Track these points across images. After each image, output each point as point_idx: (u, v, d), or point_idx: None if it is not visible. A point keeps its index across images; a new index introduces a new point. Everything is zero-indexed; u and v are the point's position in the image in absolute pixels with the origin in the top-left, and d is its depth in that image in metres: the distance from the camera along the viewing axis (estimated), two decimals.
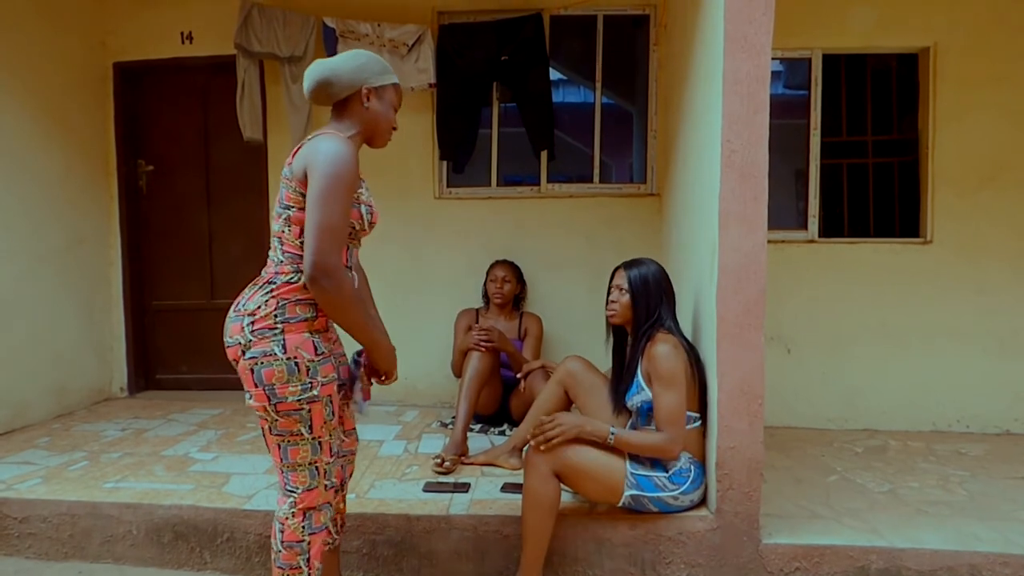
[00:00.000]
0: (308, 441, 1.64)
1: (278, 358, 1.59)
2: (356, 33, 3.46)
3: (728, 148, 2.09)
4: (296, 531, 1.67)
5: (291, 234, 1.65)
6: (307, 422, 1.63)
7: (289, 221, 1.65)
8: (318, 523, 1.70)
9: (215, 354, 3.96)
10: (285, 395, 1.60)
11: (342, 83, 1.69)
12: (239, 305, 1.67)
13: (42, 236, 3.53)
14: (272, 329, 1.60)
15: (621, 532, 2.18)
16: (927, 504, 2.45)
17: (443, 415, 3.49)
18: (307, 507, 1.68)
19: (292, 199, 1.64)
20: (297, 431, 1.63)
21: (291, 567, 1.67)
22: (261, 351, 1.59)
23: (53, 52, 3.59)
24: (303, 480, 1.67)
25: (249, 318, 1.61)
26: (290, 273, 1.64)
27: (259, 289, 1.66)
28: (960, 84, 3.41)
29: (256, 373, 1.59)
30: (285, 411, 1.61)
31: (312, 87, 1.71)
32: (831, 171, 3.62)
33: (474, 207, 3.81)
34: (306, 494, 1.67)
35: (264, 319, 1.60)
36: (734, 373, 2.11)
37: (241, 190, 3.97)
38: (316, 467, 1.67)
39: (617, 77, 4.01)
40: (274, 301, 1.62)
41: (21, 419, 3.36)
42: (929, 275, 3.45)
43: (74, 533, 2.38)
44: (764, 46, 2.06)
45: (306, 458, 1.66)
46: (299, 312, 1.63)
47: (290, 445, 1.64)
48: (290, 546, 1.67)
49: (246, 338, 1.60)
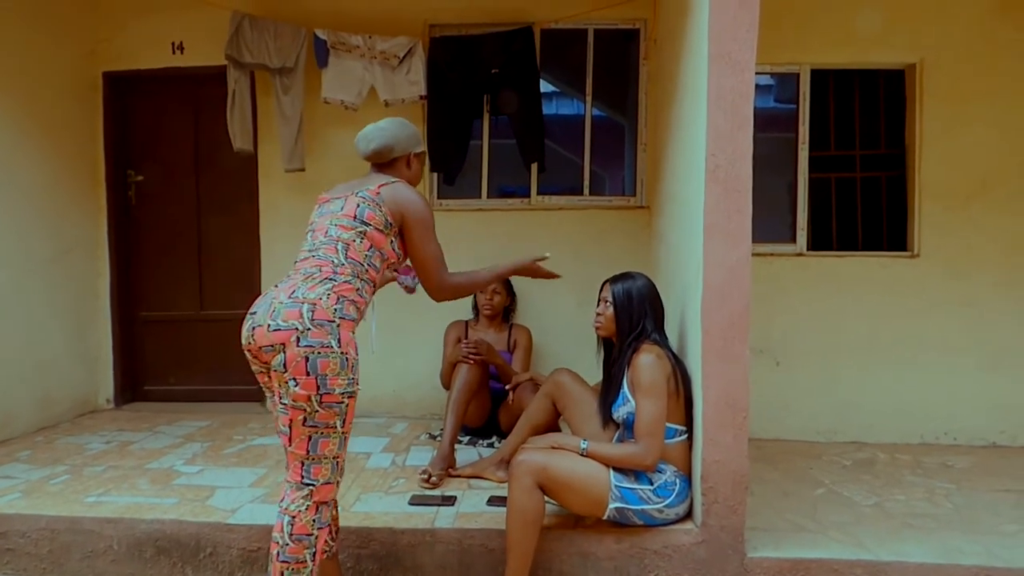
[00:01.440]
0: (339, 435, 1.75)
1: (334, 350, 1.69)
2: (347, 45, 3.48)
3: (712, 162, 2.10)
4: (307, 524, 1.73)
5: (361, 245, 1.86)
6: (343, 416, 1.74)
7: (363, 235, 1.86)
8: (325, 518, 1.78)
9: (204, 365, 4.01)
10: (334, 387, 1.69)
11: (399, 149, 2.05)
12: (295, 293, 1.74)
13: (29, 246, 3.51)
14: (331, 321, 1.71)
15: (606, 546, 2.17)
16: (913, 517, 2.45)
17: (432, 427, 3.47)
18: (320, 500, 1.75)
19: (374, 220, 1.88)
20: (333, 423, 1.72)
21: (297, 560, 1.72)
22: (319, 341, 1.67)
23: (43, 61, 3.59)
24: (324, 474, 1.74)
25: (309, 306, 1.70)
26: (350, 276, 1.82)
27: (319, 283, 1.76)
28: (947, 99, 3.45)
29: (311, 362, 1.67)
30: (328, 403, 1.70)
31: (376, 149, 2.02)
32: (819, 185, 3.65)
33: (464, 219, 3.81)
34: (323, 487, 1.75)
35: (324, 310, 1.71)
36: (719, 386, 2.11)
37: (231, 201, 3.96)
38: (337, 462, 1.78)
39: (608, 90, 4.04)
40: (335, 296, 1.75)
41: (3, 432, 3.31)
42: (917, 288, 3.47)
43: (53, 548, 2.34)
44: (748, 63, 2.08)
45: (332, 451, 1.75)
46: (351, 312, 1.79)
47: (322, 437, 1.72)
48: (299, 539, 1.72)
49: (304, 325, 1.68)
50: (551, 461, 2.05)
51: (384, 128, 2.05)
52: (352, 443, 3.19)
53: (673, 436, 2.17)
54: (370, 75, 3.49)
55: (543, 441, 2.19)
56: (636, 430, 2.08)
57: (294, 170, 3.61)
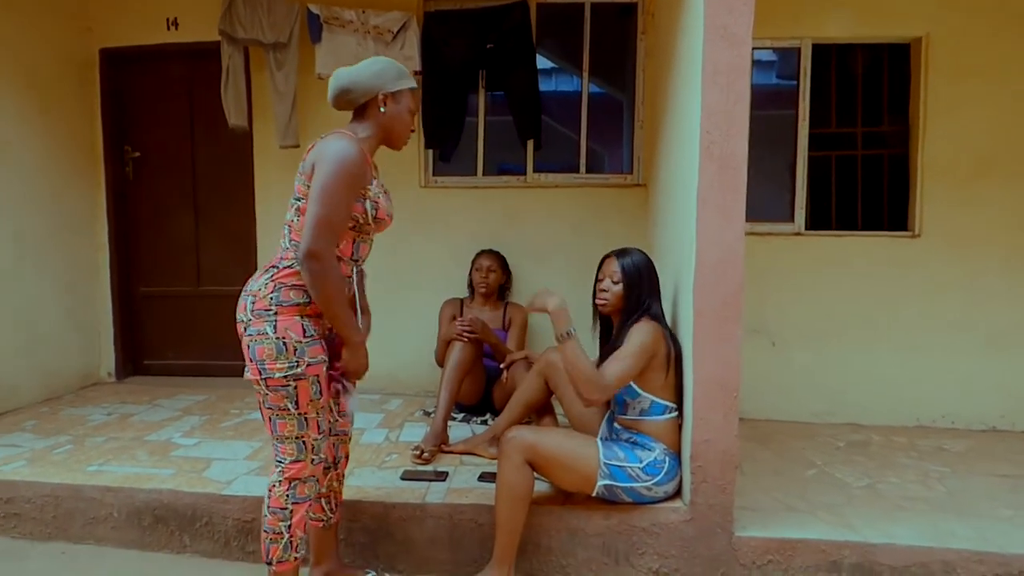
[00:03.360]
0: (295, 416, 1.77)
1: (269, 337, 1.72)
2: (341, 19, 3.43)
3: (707, 139, 2.07)
4: (280, 498, 1.79)
5: (298, 224, 1.77)
6: (293, 398, 1.75)
7: (298, 211, 1.78)
8: (302, 494, 1.81)
9: (202, 341, 4.04)
10: (273, 371, 1.73)
11: (361, 89, 1.82)
12: (247, 286, 1.81)
13: (29, 222, 3.53)
14: (267, 310, 1.73)
15: (595, 522, 2.19)
16: (905, 500, 2.45)
17: (427, 404, 3.49)
18: (292, 477, 1.80)
19: (302, 191, 1.78)
20: (284, 406, 1.76)
21: (274, 532, 1.79)
22: (257, 330, 1.73)
23: (40, 37, 3.58)
24: (291, 452, 1.80)
25: (251, 298, 1.76)
26: (292, 259, 1.78)
27: (264, 272, 1.81)
28: (952, 75, 3.37)
29: (251, 349, 1.74)
30: (273, 386, 1.74)
31: (334, 95, 1.84)
32: (820, 163, 3.60)
33: (460, 196, 3.79)
34: (292, 464, 1.80)
35: (262, 300, 1.74)
36: (710, 365, 2.10)
37: (227, 177, 3.96)
38: (303, 441, 1.79)
39: (606, 66, 3.98)
40: (272, 284, 1.76)
41: (10, 402, 3.38)
42: (917, 269, 3.43)
43: (57, 515, 2.42)
44: (744, 36, 2.03)
45: (292, 432, 1.78)
46: (292, 296, 1.76)
47: (279, 419, 1.77)
48: (274, 512, 1.79)
49: (247, 316, 1.76)
50: (541, 439, 2.06)
51: (348, 70, 1.83)
52: None
53: (663, 413, 2.18)
54: (364, 50, 3.44)
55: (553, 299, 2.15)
56: (604, 366, 2.09)
57: (288, 146, 3.59)
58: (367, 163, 1.79)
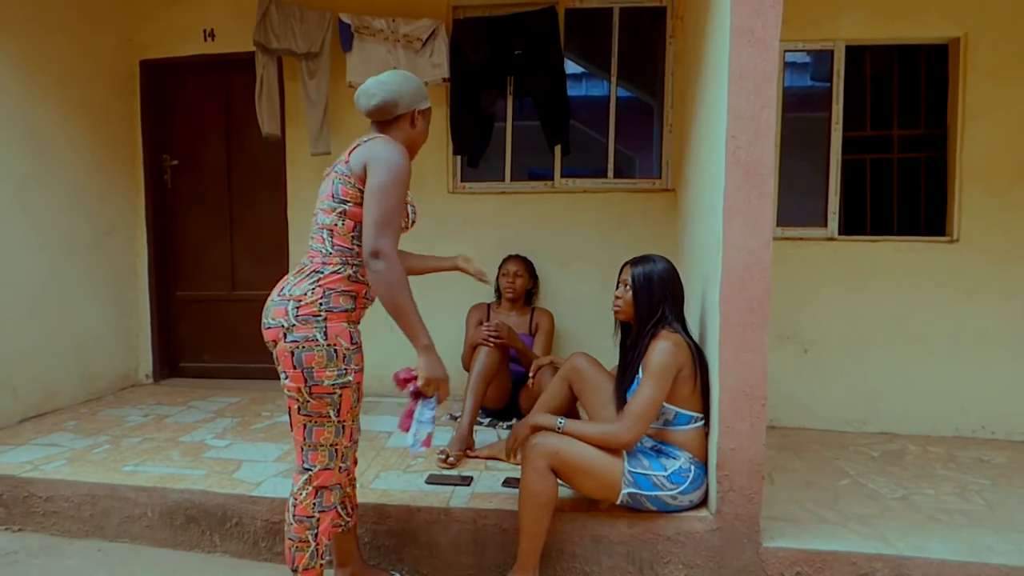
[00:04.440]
0: (333, 424, 1.78)
1: (319, 343, 1.71)
2: (371, 28, 3.49)
3: (733, 144, 2.04)
4: (307, 507, 1.80)
5: (344, 228, 1.78)
6: (336, 406, 1.76)
7: (344, 215, 1.78)
8: (328, 502, 1.82)
9: (236, 344, 4.13)
10: (322, 379, 1.72)
11: (404, 104, 1.86)
12: (283, 290, 1.78)
13: (73, 228, 3.66)
14: (316, 316, 1.72)
15: (619, 530, 2.17)
16: (941, 512, 2.37)
17: (453, 408, 3.51)
18: (320, 485, 1.80)
19: (349, 195, 1.78)
20: (326, 413, 1.76)
21: (300, 540, 1.80)
22: (303, 336, 1.71)
23: (84, 50, 3.72)
24: (321, 460, 1.80)
25: (295, 303, 1.73)
26: (338, 264, 1.77)
27: (306, 277, 1.77)
28: (992, 76, 3.26)
29: (296, 356, 1.71)
30: (319, 394, 1.74)
31: (377, 105, 1.84)
32: (854, 167, 3.52)
33: (488, 202, 3.81)
34: (321, 472, 1.80)
35: (309, 306, 1.72)
36: (736, 373, 2.07)
37: (260, 184, 4.05)
38: (336, 449, 1.81)
39: (635, 70, 3.96)
40: (320, 290, 1.74)
41: (52, 403, 3.51)
42: (955, 275, 3.33)
43: (94, 513, 2.49)
44: (772, 40, 2.00)
45: (328, 439, 1.79)
46: (341, 303, 1.76)
47: (316, 426, 1.77)
48: (301, 520, 1.80)
49: (289, 322, 1.72)
50: (564, 445, 2.05)
51: (387, 82, 1.85)
52: (374, 422, 3.27)
53: (689, 423, 2.15)
54: (393, 58, 3.50)
55: (522, 426, 2.21)
56: (626, 407, 2.07)
57: (320, 154, 3.66)
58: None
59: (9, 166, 3.28)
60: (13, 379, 3.28)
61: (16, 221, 3.32)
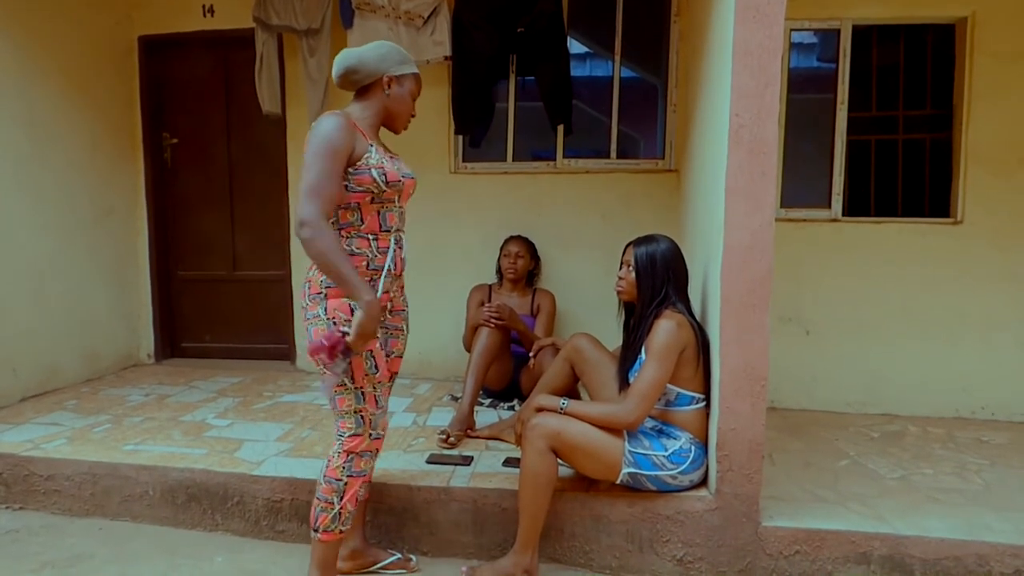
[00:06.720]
0: (351, 391, 1.84)
1: (321, 319, 1.80)
2: (372, 5, 3.43)
3: (736, 122, 2.02)
4: (337, 469, 1.87)
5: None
6: (348, 373, 1.82)
7: None
8: (358, 468, 1.89)
9: (238, 324, 4.13)
10: None
11: (366, 71, 1.85)
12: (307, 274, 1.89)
13: (74, 208, 3.65)
14: (319, 294, 1.82)
15: (619, 509, 2.18)
16: (939, 492, 2.39)
17: (455, 389, 3.52)
18: (350, 450, 1.88)
19: None
20: (341, 381, 1.82)
21: (326, 501, 1.87)
22: (313, 313, 1.83)
23: (82, 27, 3.67)
24: (349, 426, 1.88)
25: (307, 285, 1.86)
26: None
27: None
28: (999, 57, 3.22)
29: (309, 331, 1.84)
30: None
31: (339, 74, 1.87)
32: (859, 147, 3.48)
33: (490, 182, 3.79)
34: (351, 438, 1.88)
35: (315, 285, 1.83)
36: (737, 354, 2.06)
37: (261, 162, 4.02)
38: (361, 416, 1.87)
39: (639, 49, 3.91)
40: None
41: (53, 382, 3.51)
42: (958, 257, 3.31)
43: (95, 491, 2.50)
44: (777, 16, 1.97)
45: (351, 406, 1.86)
46: None
47: (338, 394, 1.86)
48: (329, 481, 1.87)
49: (305, 302, 1.86)
50: (565, 425, 2.05)
51: (352, 51, 1.87)
52: None
53: (690, 403, 2.15)
54: (395, 36, 3.44)
55: (527, 409, 2.20)
56: (631, 388, 2.07)
57: None
58: (350, 128, 1.76)
59: (7, 146, 3.25)
60: (13, 358, 3.28)
61: (16, 201, 3.30)
